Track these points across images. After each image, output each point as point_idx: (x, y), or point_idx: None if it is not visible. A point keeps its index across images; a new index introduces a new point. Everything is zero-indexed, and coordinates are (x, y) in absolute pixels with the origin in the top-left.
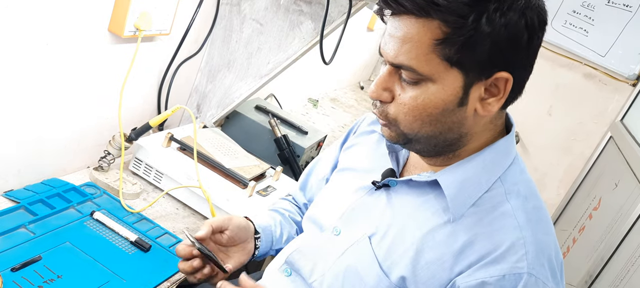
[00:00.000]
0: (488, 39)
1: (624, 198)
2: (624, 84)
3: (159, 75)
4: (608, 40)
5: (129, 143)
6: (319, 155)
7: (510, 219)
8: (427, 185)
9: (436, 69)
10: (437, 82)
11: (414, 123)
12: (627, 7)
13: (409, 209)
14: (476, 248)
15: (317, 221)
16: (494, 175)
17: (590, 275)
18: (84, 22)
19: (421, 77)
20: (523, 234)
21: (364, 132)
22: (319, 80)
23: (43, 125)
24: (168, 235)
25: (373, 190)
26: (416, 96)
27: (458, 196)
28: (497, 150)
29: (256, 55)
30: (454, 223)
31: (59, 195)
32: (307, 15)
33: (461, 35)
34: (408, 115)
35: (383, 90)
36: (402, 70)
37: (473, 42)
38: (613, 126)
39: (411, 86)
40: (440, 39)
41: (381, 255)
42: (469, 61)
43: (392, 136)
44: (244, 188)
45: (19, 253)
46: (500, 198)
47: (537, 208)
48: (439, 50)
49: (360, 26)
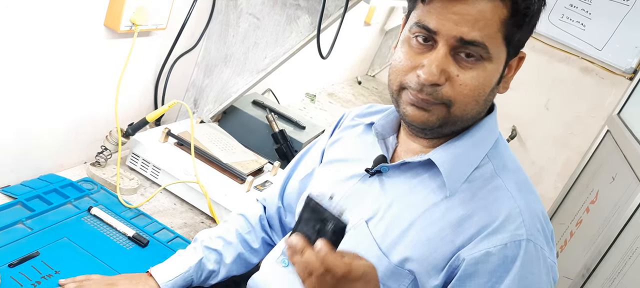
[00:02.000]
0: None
1: (621, 191)
2: (621, 78)
3: (156, 70)
4: (605, 34)
5: (126, 138)
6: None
7: (503, 191)
8: (420, 167)
9: (498, 47)
10: (494, 60)
11: (470, 104)
12: (624, 1)
13: (403, 191)
14: (475, 221)
15: None
16: (482, 152)
17: (587, 269)
18: (79, 17)
19: (486, 55)
20: (517, 203)
21: (348, 126)
22: (317, 74)
23: (39, 121)
24: (166, 230)
25: (366, 177)
26: (477, 76)
27: (452, 172)
28: (484, 127)
29: (253, 49)
30: (449, 199)
31: (56, 191)
32: (304, 9)
33: (526, 16)
34: (468, 96)
35: (441, 72)
36: (468, 48)
37: (529, 23)
38: (610, 120)
39: (471, 66)
40: (508, 17)
41: (379, 237)
42: (517, 41)
43: (431, 120)
44: (241, 183)
45: (16, 249)
46: (490, 173)
47: (525, 181)
48: (504, 28)
49: (358, 20)
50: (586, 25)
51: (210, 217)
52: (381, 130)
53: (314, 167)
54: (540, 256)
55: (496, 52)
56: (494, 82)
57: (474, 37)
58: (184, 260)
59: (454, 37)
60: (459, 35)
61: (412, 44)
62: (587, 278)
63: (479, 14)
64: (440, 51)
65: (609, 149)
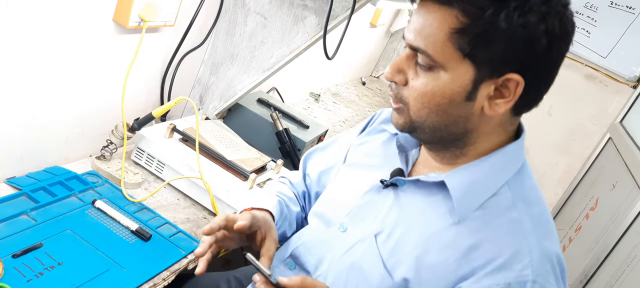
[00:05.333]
0: (504, 36)
1: (621, 199)
2: (625, 86)
3: (163, 66)
4: (610, 42)
5: (131, 133)
6: (317, 146)
7: (516, 225)
8: (435, 186)
9: (450, 58)
10: (449, 71)
11: (422, 110)
12: (630, 9)
13: (415, 209)
14: (481, 252)
15: (324, 216)
16: (502, 179)
17: (585, 275)
18: (89, 11)
19: (434, 64)
20: (528, 241)
21: (375, 129)
22: (321, 74)
23: (46, 114)
24: (169, 225)
25: (381, 188)
26: (427, 82)
27: (465, 198)
28: (506, 154)
29: (259, 48)
30: (459, 225)
31: (61, 183)
32: (311, 10)
33: (477, 28)
34: (417, 100)
35: (397, 72)
36: (418, 54)
37: (488, 37)
38: (612, 127)
39: (424, 72)
40: (457, 28)
41: (386, 254)
42: (482, 56)
43: (400, 123)
44: (244, 180)
45: (20, 239)
46: (507, 203)
47: (542, 214)
48: (455, 39)
49: (364, 22)
50: (591, 32)
51: (212, 212)
52: (404, 142)
53: (335, 163)
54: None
55: (448, 62)
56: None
57: (418, 44)
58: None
59: (408, 44)
60: (408, 42)
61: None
62: (585, 284)
63: (425, 21)
64: (402, 54)
65: (610, 157)
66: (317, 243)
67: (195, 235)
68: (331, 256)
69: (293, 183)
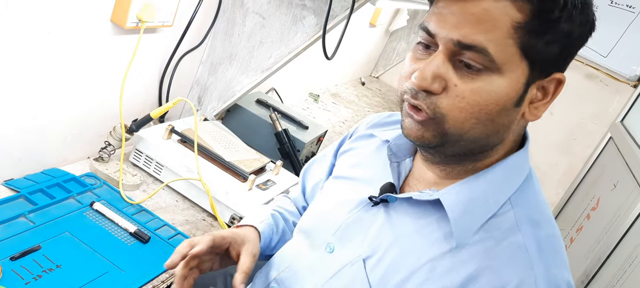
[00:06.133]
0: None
1: (622, 199)
2: (626, 85)
3: (161, 67)
4: (610, 41)
5: (129, 134)
6: (314, 157)
7: (521, 252)
8: (430, 205)
9: (510, 58)
10: (505, 73)
11: (468, 121)
12: (630, 8)
13: (408, 231)
14: (481, 284)
15: (310, 234)
16: (504, 196)
17: (586, 275)
18: (86, 12)
19: (491, 65)
20: (534, 271)
21: (361, 135)
22: (321, 75)
23: (44, 115)
24: (167, 226)
25: (370, 205)
26: (479, 88)
27: (463, 219)
28: (509, 166)
29: (258, 48)
30: (457, 251)
31: (59, 185)
32: (310, 9)
33: (548, 21)
34: (464, 111)
35: (435, 78)
36: (468, 54)
37: (555, 32)
38: (613, 127)
39: (472, 76)
40: (522, 22)
41: (375, 282)
42: (541, 54)
43: (426, 137)
44: (243, 181)
45: (19, 242)
46: (510, 225)
47: (551, 236)
48: (518, 36)
49: (363, 22)
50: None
51: (211, 214)
52: (396, 150)
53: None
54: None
55: (507, 63)
56: (506, 101)
57: (474, 41)
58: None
59: (451, 40)
60: (457, 38)
61: (416, 50)
62: (586, 284)
63: (482, 14)
64: (438, 56)
65: (611, 156)
66: (303, 267)
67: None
68: (317, 280)
69: (294, 198)
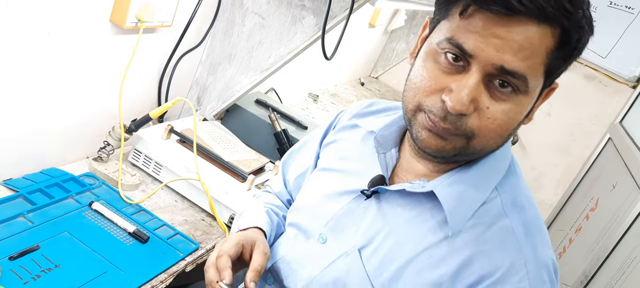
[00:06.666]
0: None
1: (621, 199)
2: (624, 86)
3: (160, 67)
4: (609, 42)
5: (128, 134)
6: (292, 148)
7: (509, 235)
8: (421, 195)
9: (538, 80)
10: (530, 94)
11: (494, 138)
12: (629, 9)
13: (402, 221)
14: (475, 268)
15: (302, 227)
16: (491, 184)
17: (585, 276)
18: (85, 12)
19: (524, 89)
20: (523, 252)
21: (344, 126)
22: (320, 75)
23: (43, 115)
24: (166, 226)
25: (361, 196)
26: (509, 110)
27: (457, 209)
28: (495, 156)
29: (257, 49)
30: (450, 239)
31: (58, 185)
32: (309, 10)
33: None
34: (494, 131)
35: (471, 101)
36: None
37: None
38: (612, 128)
39: (505, 98)
40: (554, 49)
41: (372, 271)
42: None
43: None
44: (242, 181)
45: (17, 242)
46: (498, 211)
47: (535, 219)
48: (548, 60)
49: (362, 22)
50: None
51: (210, 214)
52: (382, 142)
53: (308, 167)
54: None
55: (534, 85)
56: (524, 116)
57: (516, 68)
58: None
59: (492, 65)
60: (500, 64)
61: (439, 60)
62: (585, 285)
63: (525, 42)
64: (473, 77)
65: (610, 157)
66: (296, 257)
67: (193, 237)
68: (312, 270)
69: (277, 193)
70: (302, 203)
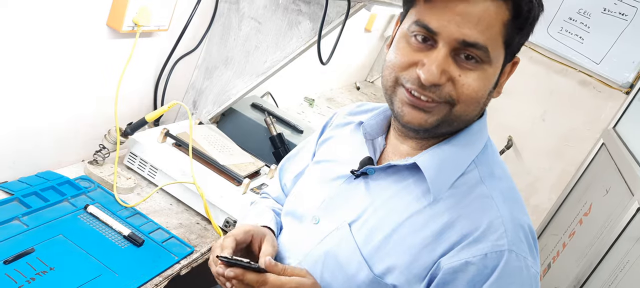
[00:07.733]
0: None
1: (614, 205)
2: (618, 92)
3: (156, 70)
4: (603, 48)
5: (124, 137)
6: (289, 154)
7: (488, 200)
8: (406, 170)
9: (498, 51)
10: (493, 64)
11: (472, 105)
12: (623, 16)
13: (388, 195)
14: (457, 229)
15: (296, 213)
16: (470, 157)
17: (578, 280)
18: (82, 16)
19: (487, 59)
20: (500, 213)
21: (339, 124)
22: (316, 79)
23: (39, 118)
24: (161, 230)
25: (351, 178)
26: (478, 77)
27: (438, 178)
28: (472, 132)
29: (254, 53)
30: (433, 205)
31: (53, 188)
32: (306, 15)
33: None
34: (470, 97)
35: (441, 73)
36: (469, 50)
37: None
38: (605, 133)
39: (472, 68)
40: (508, 20)
41: (361, 241)
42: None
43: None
44: (238, 185)
45: (12, 245)
46: (475, 181)
47: (511, 189)
48: (505, 31)
49: (358, 27)
50: (585, 38)
51: (205, 218)
52: (370, 130)
53: (307, 165)
54: (522, 266)
55: (496, 55)
56: (492, 86)
57: (477, 40)
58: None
59: (455, 39)
60: (461, 38)
61: (410, 41)
62: None
63: (482, 15)
64: (440, 52)
65: (603, 162)
66: (292, 240)
67: (188, 241)
68: (305, 247)
69: (276, 197)
70: (297, 191)
